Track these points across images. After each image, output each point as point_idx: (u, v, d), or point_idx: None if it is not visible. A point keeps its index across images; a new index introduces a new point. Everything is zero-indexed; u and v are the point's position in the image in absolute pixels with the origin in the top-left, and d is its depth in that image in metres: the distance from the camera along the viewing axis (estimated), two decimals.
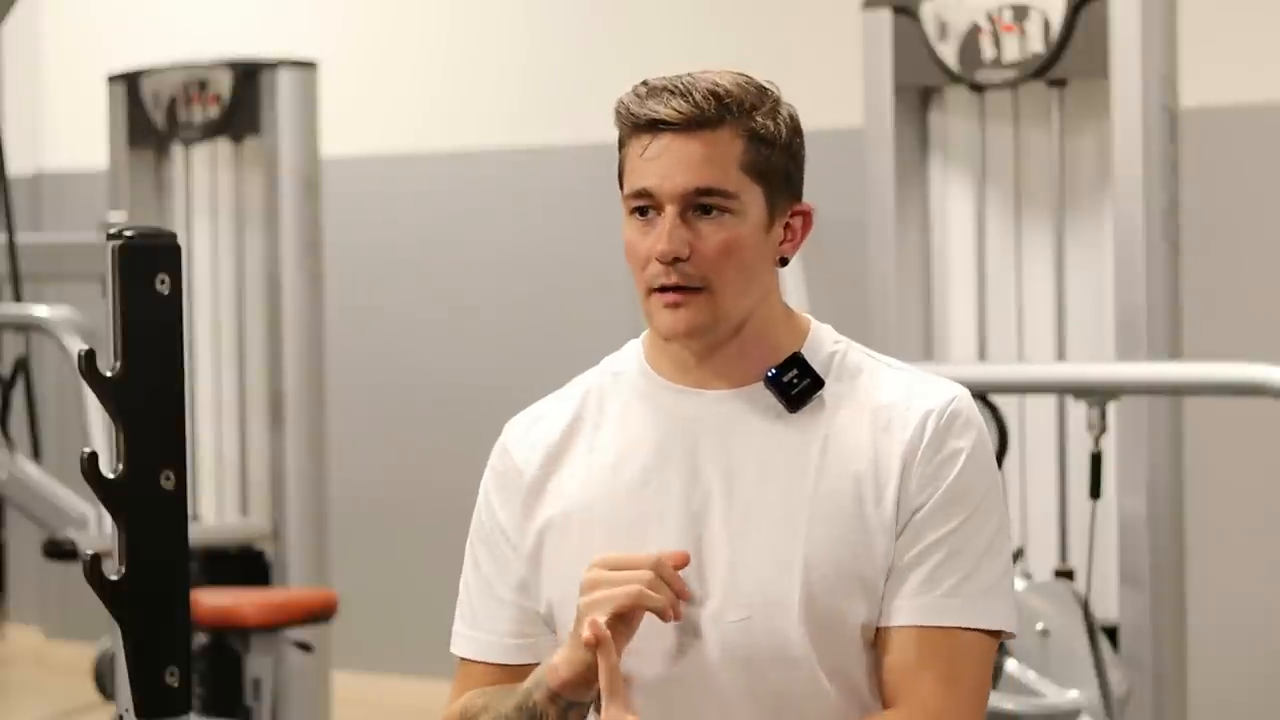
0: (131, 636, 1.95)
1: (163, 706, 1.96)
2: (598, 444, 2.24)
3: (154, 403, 1.94)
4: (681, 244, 2.14)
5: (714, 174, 2.14)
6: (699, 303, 2.15)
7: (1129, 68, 4.42)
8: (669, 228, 2.14)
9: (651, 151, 2.15)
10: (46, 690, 7.75)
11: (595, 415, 2.26)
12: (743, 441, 2.19)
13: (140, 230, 1.96)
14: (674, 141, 2.15)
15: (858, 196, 4.81)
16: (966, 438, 2.17)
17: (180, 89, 5.95)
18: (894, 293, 4.69)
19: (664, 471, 2.19)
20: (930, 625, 2.14)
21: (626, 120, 2.18)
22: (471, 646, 2.28)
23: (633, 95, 2.18)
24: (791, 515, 2.15)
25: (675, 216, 2.14)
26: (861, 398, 2.20)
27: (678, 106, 2.14)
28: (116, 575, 1.94)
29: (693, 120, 2.14)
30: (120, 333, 1.93)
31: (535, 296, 6.89)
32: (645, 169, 2.16)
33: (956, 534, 2.15)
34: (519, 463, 2.26)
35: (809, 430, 2.18)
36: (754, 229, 2.17)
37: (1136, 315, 4.40)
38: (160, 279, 1.95)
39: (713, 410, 2.20)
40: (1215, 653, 5.25)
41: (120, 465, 1.94)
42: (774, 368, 2.19)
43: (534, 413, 2.30)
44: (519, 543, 2.25)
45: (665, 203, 2.15)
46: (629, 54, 6.70)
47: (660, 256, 2.14)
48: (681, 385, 2.22)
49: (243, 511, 6.01)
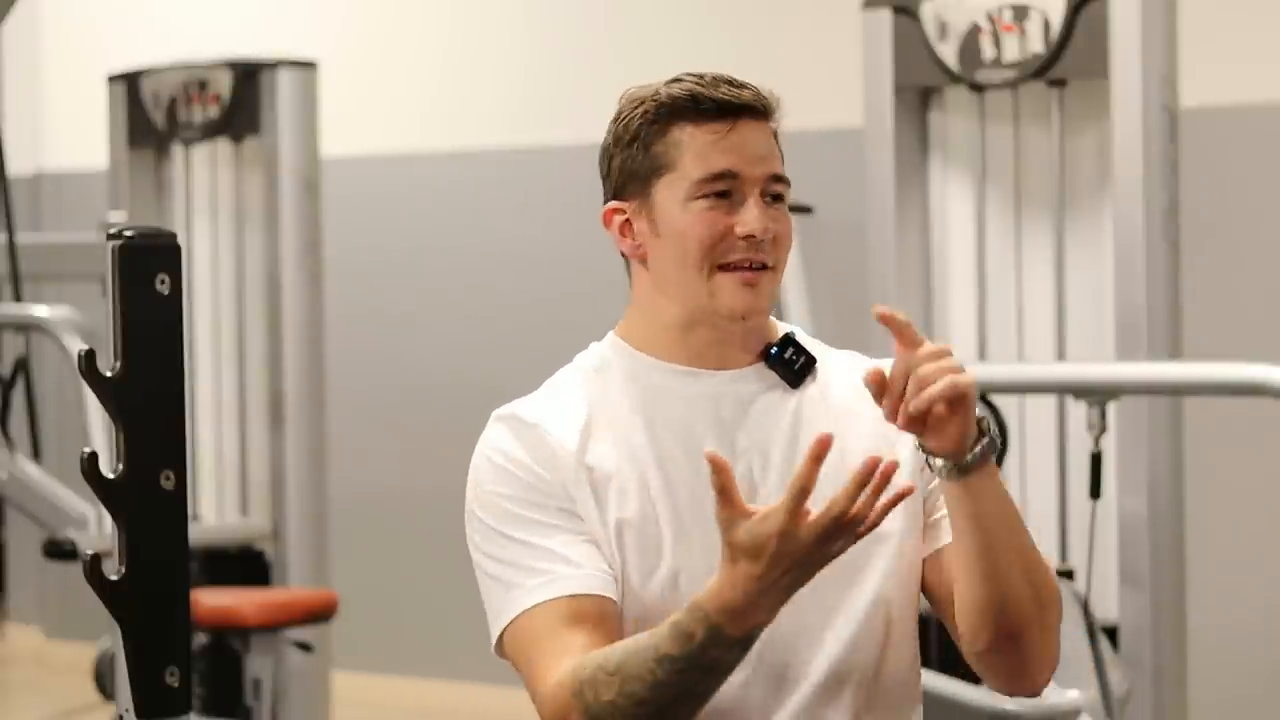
0: (131, 636, 1.95)
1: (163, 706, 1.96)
2: (625, 425, 2.22)
3: (154, 403, 1.94)
4: (771, 224, 2.21)
5: (779, 163, 2.24)
6: (765, 281, 2.22)
7: (1129, 68, 4.42)
8: (759, 209, 2.21)
9: (734, 136, 2.21)
10: (46, 690, 7.75)
11: (607, 404, 2.23)
12: (765, 415, 2.23)
13: (140, 230, 1.96)
14: (751, 128, 2.22)
15: (858, 196, 4.81)
16: None
17: (180, 89, 5.95)
18: (894, 293, 4.69)
19: (699, 442, 2.19)
20: None
21: (691, 104, 2.21)
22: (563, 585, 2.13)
23: (686, 85, 2.22)
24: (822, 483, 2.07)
25: (759, 199, 2.21)
26: (834, 372, 2.28)
27: (753, 94, 2.23)
28: (116, 575, 1.94)
29: (764, 109, 2.23)
30: (120, 333, 1.93)
31: (535, 297, 6.89)
32: (725, 151, 2.21)
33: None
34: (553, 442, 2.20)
35: (816, 403, 2.24)
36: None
37: (1136, 315, 4.40)
38: (160, 279, 1.95)
39: (725, 388, 2.24)
40: (1215, 653, 5.25)
41: (120, 465, 1.94)
42: (773, 346, 2.26)
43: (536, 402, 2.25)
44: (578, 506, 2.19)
45: (748, 185, 2.21)
46: (629, 54, 6.70)
47: (761, 234, 2.19)
48: (684, 366, 2.25)
49: (243, 511, 6.00)
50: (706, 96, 2.21)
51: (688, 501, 2.19)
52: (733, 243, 2.20)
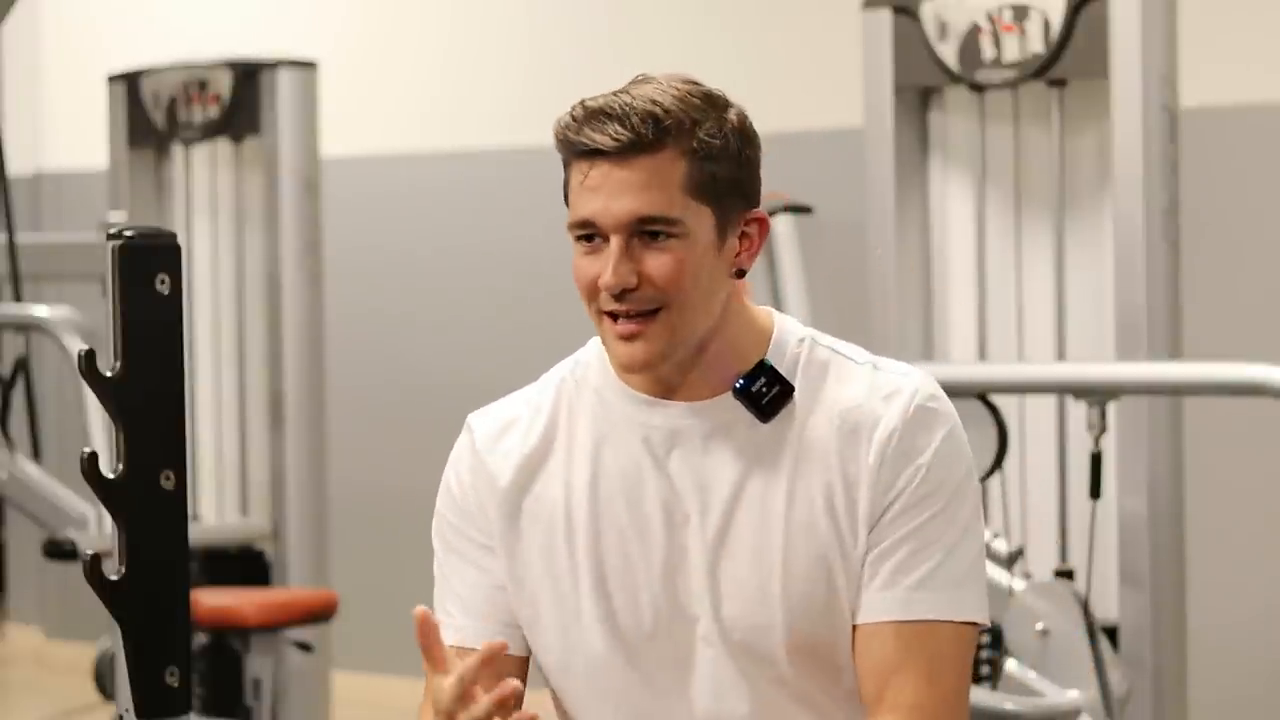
0: (131, 636, 1.95)
1: (163, 706, 1.96)
2: (575, 455, 2.19)
3: (154, 403, 1.94)
4: (628, 275, 2.09)
5: (655, 200, 2.08)
6: (655, 329, 2.09)
7: (1129, 68, 4.41)
8: (614, 261, 2.08)
9: (592, 180, 2.09)
10: (46, 690, 7.75)
11: (567, 428, 2.21)
12: (713, 455, 2.14)
13: (140, 230, 1.96)
14: (613, 169, 2.08)
15: (858, 196, 4.81)
16: (933, 431, 2.13)
17: (180, 89, 5.95)
18: (894, 293, 4.69)
19: (642, 486, 2.15)
20: (906, 620, 2.10)
21: (564, 146, 2.12)
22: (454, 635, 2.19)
23: (570, 119, 2.11)
24: (769, 532, 2.12)
25: (620, 247, 2.09)
26: (828, 400, 2.15)
27: (614, 133, 2.07)
28: (116, 575, 1.94)
29: (630, 146, 2.07)
30: (120, 333, 1.93)
31: (535, 297, 6.89)
32: (587, 198, 2.09)
33: (926, 527, 2.11)
34: (492, 470, 2.22)
35: (778, 441, 2.13)
36: (704, 249, 2.11)
37: (1136, 315, 4.40)
38: (160, 279, 1.95)
39: (682, 422, 2.16)
40: (1215, 653, 5.25)
41: (120, 465, 1.94)
42: (741, 378, 2.14)
43: (502, 414, 2.24)
44: (497, 543, 2.21)
45: (609, 233, 2.09)
46: (629, 54, 6.70)
47: (608, 289, 2.09)
48: (649, 395, 2.17)
49: (243, 511, 6.00)
50: (570, 139, 2.10)
51: (613, 555, 2.16)
52: (602, 292, 2.11)
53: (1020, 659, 4.13)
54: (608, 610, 2.16)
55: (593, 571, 2.15)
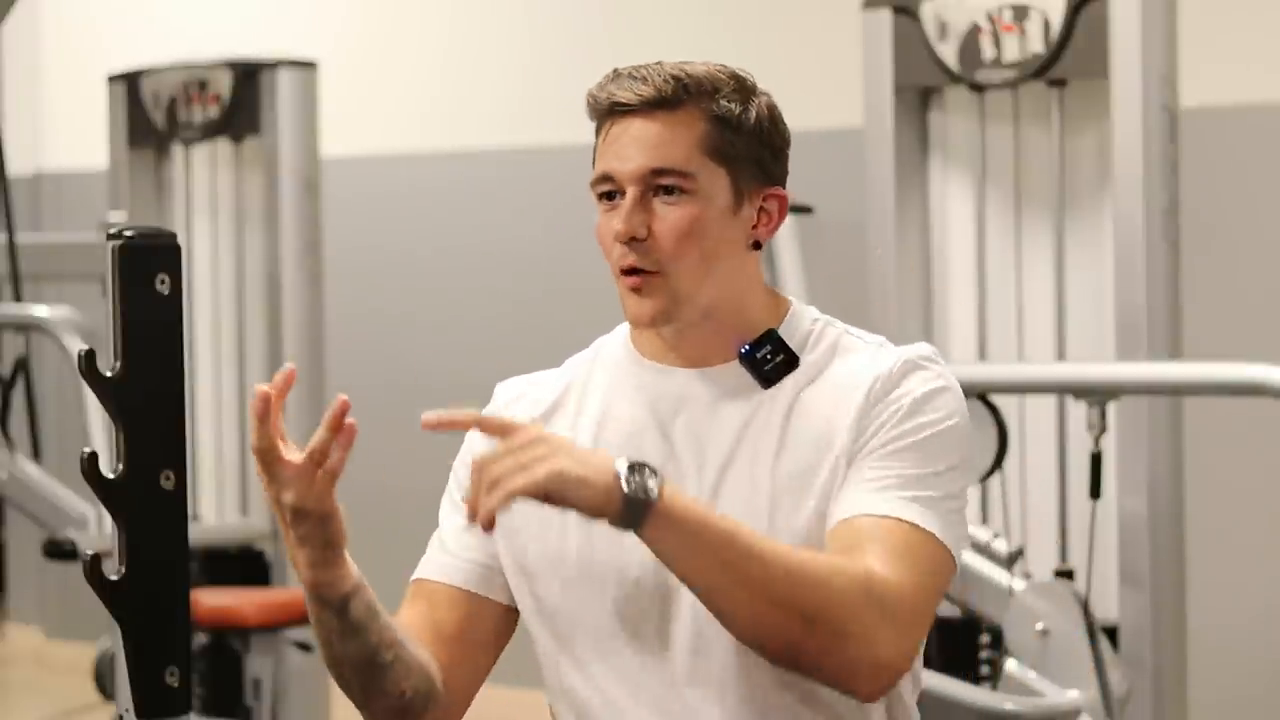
0: (131, 636, 1.94)
1: (163, 706, 1.96)
2: (581, 422, 2.26)
3: (154, 403, 1.94)
4: (639, 224, 2.16)
5: (670, 154, 2.16)
6: (656, 285, 2.16)
7: (1129, 68, 4.41)
8: (627, 209, 2.16)
9: (612, 135, 2.20)
10: (46, 690, 7.75)
11: (580, 390, 2.28)
12: (715, 419, 2.20)
13: (140, 230, 1.96)
14: (633, 124, 2.18)
15: (858, 196, 4.81)
16: (921, 380, 2.17)
17: (180, 89, 5.95)
18: (894, 293, 4.69)
19: (641, 446, 2.20)
20: (878, 514, 2.09)
21: (591, 106, 2.23)
22: (429, 567, 2.34)
23: (600, 82, 2.23)
24: (758, 490, 2.16)
25: (635, 198, 2.17)
26: (833, 372, 2.21)
27: (636, 89, 2.18)
28: (116, 575, 1.94)
29: (650, 101, 2.17)
30: (120, 333, 1.93)
31: (535, 297, 6.89)
32: (607, 153, 2.20)
33: (902, 453, 2.12)
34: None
35: (777, 405, 2.19)
36: (718, 211, 2.18)
37: (1136, 315, 4.40)
38: (160, 279, 1.95)
39: (688, 387, 2.22)
40: (1215, 653, 5.25)
41: (120, 465, 1.94)
42: (748, 344, 2.21)
43: (527, 379, 2.35)
44: None
45: (625, 184, 2.17)
46: (629, 54, 6.65)
47: (618, 237, 2.16)
48: (660, 363, 2.24)
49: (243, 511, 6.00)
50: (596, 98, 2.22)
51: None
52: (617, 246, 2.18)
53: (1020, 659, 4.13)
54: (590, 559, 2.20)
55: (581, 524, 2.16)
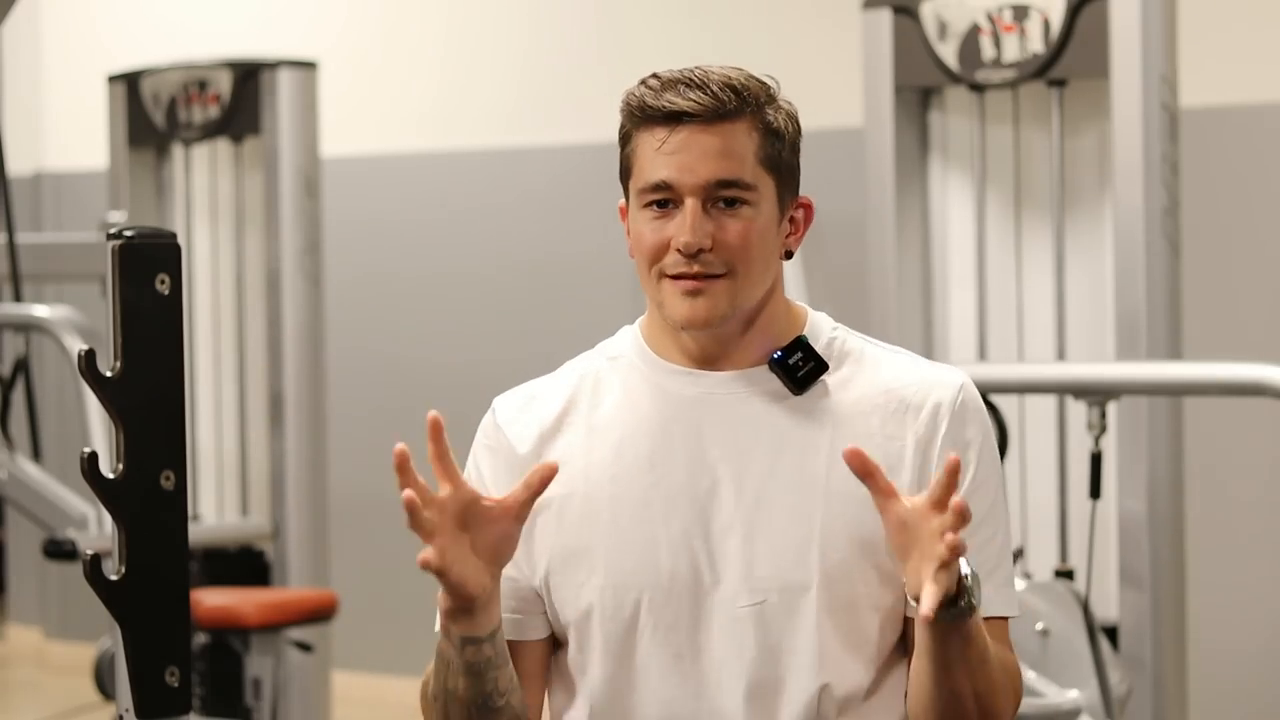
0: (131, 636, 1.95)
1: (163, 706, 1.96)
2: (597, 424, 2.24)
3: (154, 403, 1.94)
4: (705, 235, 2.16)
5: (734, 166, 2.17)
6: (719, 289, 2.17)
7: (1129, 68, 4.41)
8: (692, 220, 2.16)
9: (671, 144, 2.17)
10: (46, 690, 7.75)
11: (591, 397, 2.26)
12: (749, 423, 2.20)
13: (140, 230, 1.96)
14: (694, 134, 2.16)
15: (858, 196, 4.81)
16: (978, 426, 2.22)
17: (180, 89, 5.95)
18: (894, 292, 4.69)
19: (670, 453, 2.20)
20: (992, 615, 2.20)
21: (640, 113, 2.19)
22: None
23: (645, 88, 2.18)
24: (806, 498, 2.17)
25: (698, 208, 2.16)
26: (866, 381, 2.22)
27: (697, 99, 2.16)
28: (116, 575, 1.94)
29: (713, 112, 2.16)
30: (120, 333, 1.93)
31: (535, 296, 6.89)
32: (664, 162, 2.17)
33: (982, 528, 2.17)
34: (511, 440, 2.27)
35: (815, 412, 2.20)
36: (768, 221, 2.20)
37: (1136, 315, 4.40)
38: (160, 279, 1.95)
39: (717, 391, 2.22)
40: (1215, 653, 5.25)
41: (120, 465, 1.94)
42: (779, 350, 2.22)
43: (527, 391, 2.31)
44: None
45: (686, 195, 2.17)
46: (629, 54, 6.70)
47: (684, 248, 2.16)
48: (685, 367, 2.24)
49: (243, 511, 6.00)
50: (649, 105, 2.17)
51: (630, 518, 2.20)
52: (673, 254, 2.17)
53: (1020, 659, 4.13)
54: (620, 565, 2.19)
55: (611, 534, 2.18)
